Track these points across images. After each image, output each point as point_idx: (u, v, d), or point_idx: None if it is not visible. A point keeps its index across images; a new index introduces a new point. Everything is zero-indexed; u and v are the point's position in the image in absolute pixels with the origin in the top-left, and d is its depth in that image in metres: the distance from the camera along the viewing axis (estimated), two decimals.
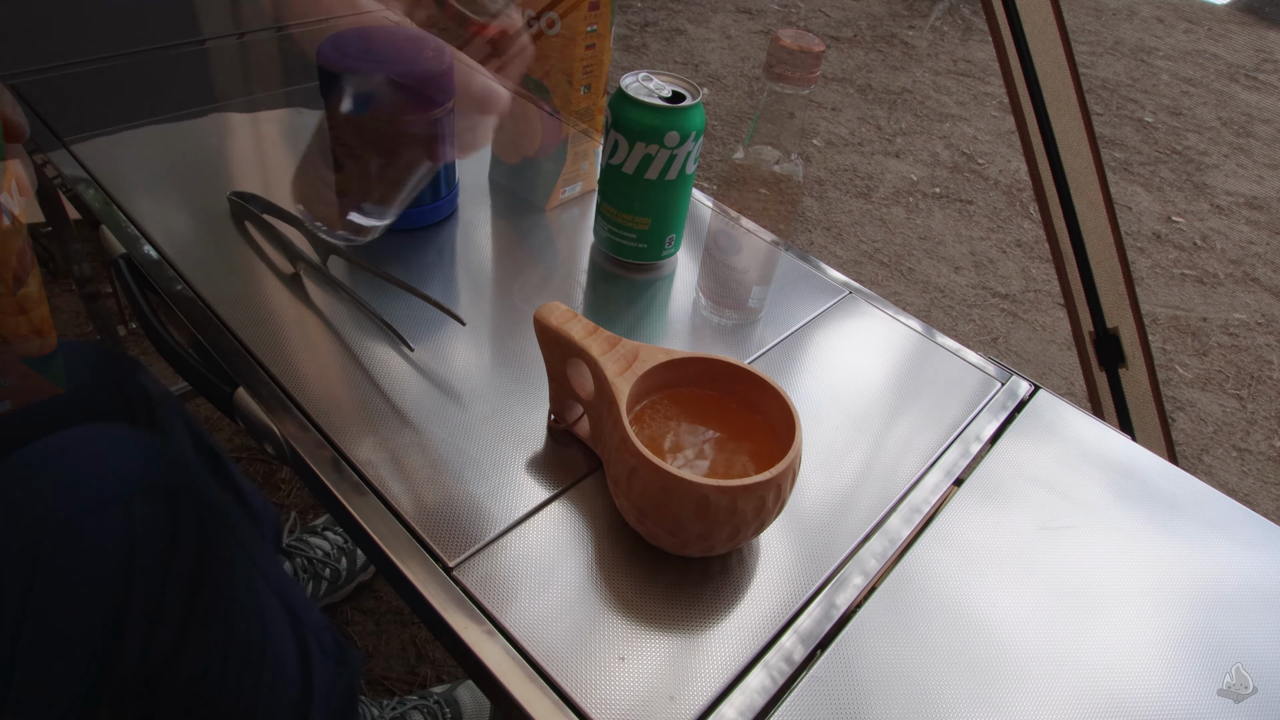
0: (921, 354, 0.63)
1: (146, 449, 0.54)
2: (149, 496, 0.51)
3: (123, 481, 0.51)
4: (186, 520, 0.53)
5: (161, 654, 0.53)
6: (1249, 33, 4.04)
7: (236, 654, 0.57)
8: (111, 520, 0.49)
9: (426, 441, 0.49)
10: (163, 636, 0.52)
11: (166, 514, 0.52)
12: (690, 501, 0.40)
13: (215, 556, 0.55)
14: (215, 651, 0.56)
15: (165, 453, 0.55)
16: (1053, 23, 0.95)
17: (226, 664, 0.56)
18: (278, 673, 0.61)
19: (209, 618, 0.55)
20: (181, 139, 0.73)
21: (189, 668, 0.54)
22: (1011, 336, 1.83)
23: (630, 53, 2.80)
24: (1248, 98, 3.28)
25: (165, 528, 0.52)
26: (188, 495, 0.53)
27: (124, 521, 0.50)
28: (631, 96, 0.58)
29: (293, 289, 0.59)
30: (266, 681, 0.60)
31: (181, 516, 0.53)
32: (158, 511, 0.51)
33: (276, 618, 0.62)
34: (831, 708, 0.40)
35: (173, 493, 0.52)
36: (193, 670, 0.55)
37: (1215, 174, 2.65)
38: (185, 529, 0.53)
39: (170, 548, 0.52)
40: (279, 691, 0.62)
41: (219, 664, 0.56)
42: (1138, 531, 0.51)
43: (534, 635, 0.40)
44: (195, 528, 0.53)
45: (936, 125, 2.68)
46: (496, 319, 0.60)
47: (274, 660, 0.61)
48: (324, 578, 1.02)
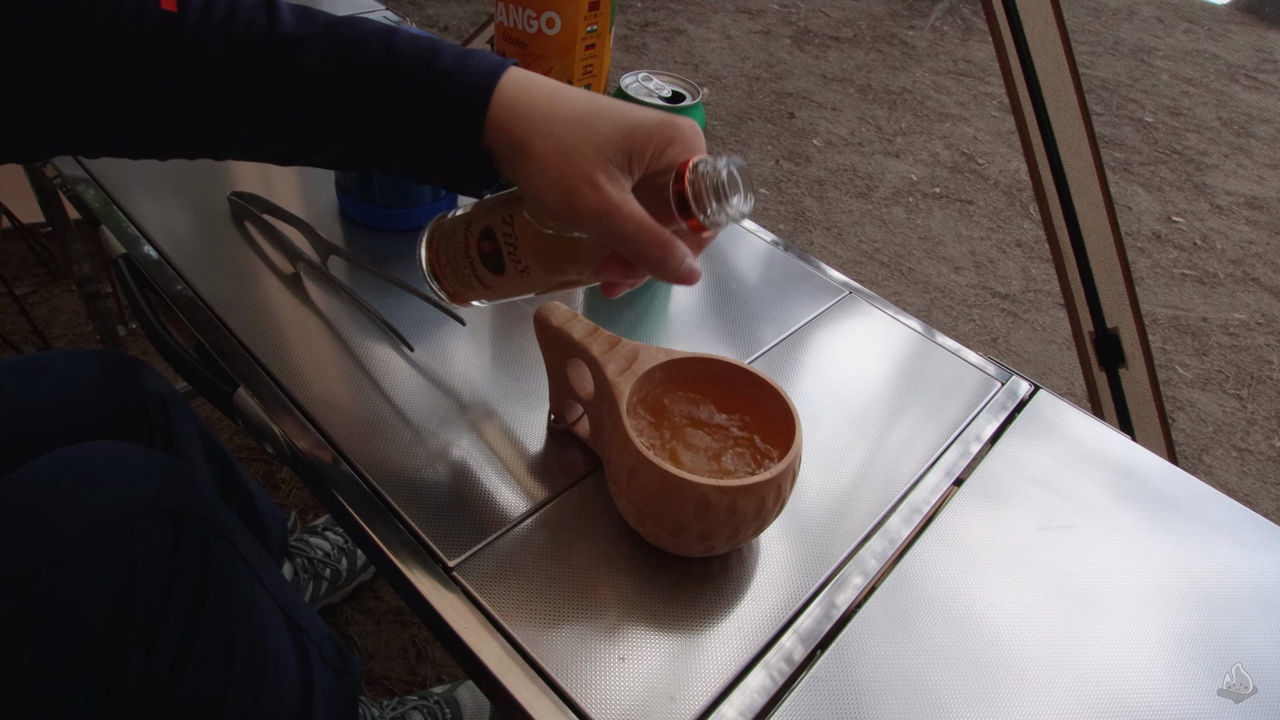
0: (921, 354, 0.63)
1: (152, 468, 0.53)
2: (152, 519, 0.51)
3: (126, 502, 0.50)
4: (189, 542, 0.53)
5: (161, 675, 0.52)
6: (1249, 33, 4.04)
7: (237, 673, 0.57)
8: (113, 541, 0.49)
9: (426, 441, 0.49)
10: (163, 658, 0.52)
11: (169, 536, 0.52)
12: (690, 501, 0.40)
13: (218, 578, 0.55)
14: (216, 672, 0.56)
15: (172, 472, 0.54)
16: (1053, 23, 0.95)
17: (227, 684, 0.56)
18: (278, 687, 0.61)
19: (211, 639, 0.55)
20: None
21: (189, 689, 0.54)
22: (1011, 336, 1.83)
23: (630, 53, 2.80)
24: (1248, 98, 3.28)
25: (168, 550, 0.51)
26: (192, 517, 0.53)
27: (126, 543, 0.49)
28: (631, 96, 0.58)
29: (293, 289, 0.59)
30: (267, 696, 0.60)
31: (184, 538, 0.52)
32: (161, 533, 0.51)
33: (279, 633, 0.61)
34: (831, 708, 0.40)
35: (177, 515, 0.52)
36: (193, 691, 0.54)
37: (1215, 174, 2.65)
38: (188, 551, 0.53)
39: (172, 570, 0.52)
40: (280, 705, 0.61)
41: (219, 684, 0.56)
42: (1138, 531, 0.51)
43: (534, 635, 0.40)
44: (198, 549, 0.53)
45: (936, 125, 2.68)
46: (496, 319, 0.60)
47: (275, 675, 0.61)
48: (324, 578, 1.02)
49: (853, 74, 2.94)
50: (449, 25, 2.76)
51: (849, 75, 2.92)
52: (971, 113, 2.80)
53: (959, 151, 2.54)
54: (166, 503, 0.52)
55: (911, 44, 3.29)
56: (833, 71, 2.93)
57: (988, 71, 3.11)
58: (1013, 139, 2.63)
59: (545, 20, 0.61)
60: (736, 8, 3.31)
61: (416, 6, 2.87)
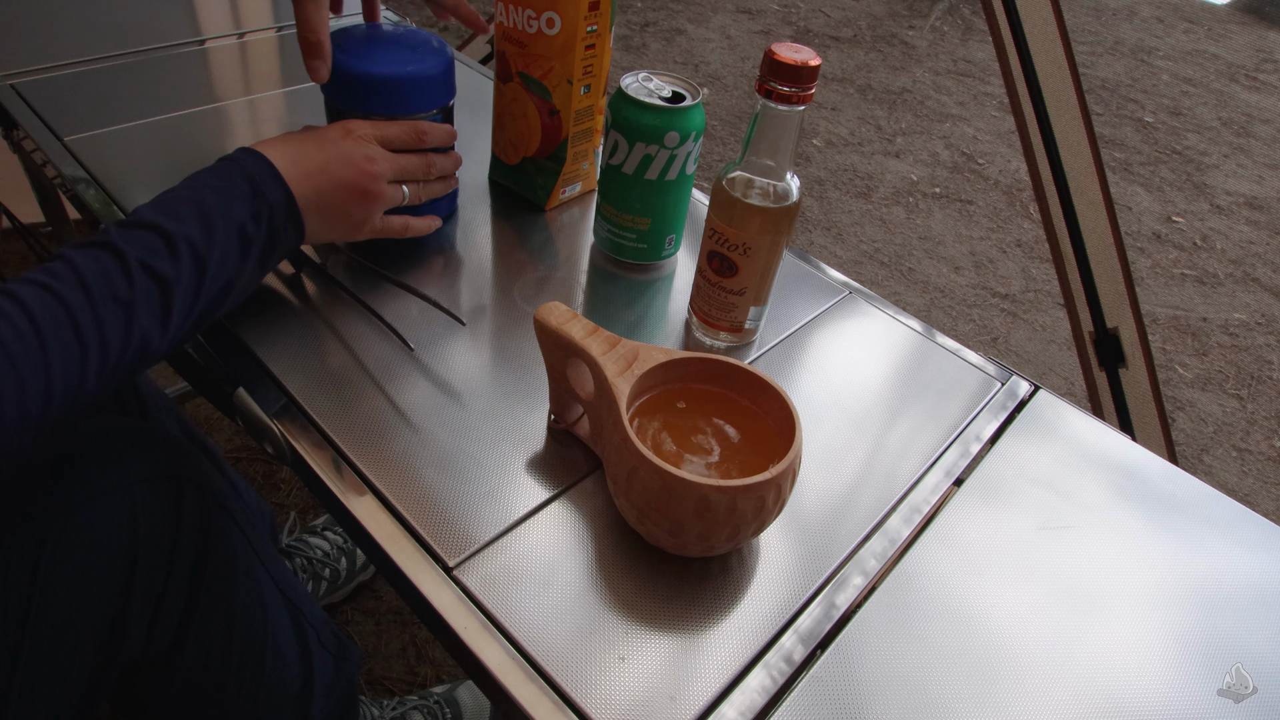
0: (921, 354, 0.63)
1: (149, 439, 0.54)
2: (153, 485, 0.51)
3: (126, 471, 0.51)
4: (189, 509, 0.53)
5: (163, 643, 0.53)
6: (1249, 33, 4.04)
7: (238, 643, 0.57)
8: (115, 509, 0.49)
9: (426, 441, 0.49)
10: (164, 625, 0.53)
11: (170, 503, 0.52)
12: (690, 501, 0.40)
13: (218, 545, 0.55)
14: (217, 640, 0.56)
15: (170, 443, 0.55)
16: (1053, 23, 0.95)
17: (228, 653, 0.57)
18: (278, 664, 0.61)
19: (211, 607, 0.55)
20: (181, 138, 0.73)
21: (190, 656, 0.54)
22: (1011, 336, 1.83)
23: (630, 53, 2.80)
24: (1248, 98, 3.28)
25: (169, 517, 0.52)
26: (191, 484, 0.53)
27: (127, 511, 0.50)
28: (631, 96, 0.57)
29: (293, 289, 0.59)
30: (268, 672, 0.60)
31: (184, 505, 0.53)
32: (162, 500, 0.52)
33: (278, 609, 0.62)
34: (831, 708, 0.40)
35: (176, 481, 0.53)
36: (194, 659, 0.55)
37: (1215, 174, 2.65)
38: (188, 518, 0.53)
39: (174, 537, 0.52)
40: (280, 683, 0.62)
41: (220, 653, 0.56)
42: (1138, 531, 0.51)
43: (534, 635, 0.40)
44: (198, 517, 0.54)
45: (936, 125, 2.68)
46: (496, 319, 0.60)
47: (275, 652, 0.61)
48: (324, 578, 1.02)
49: (853, 74, 2.94)
50: (449, 25, 2.76)
51: (849, 75, 2.92)
52: (971, 113, 2.80)
53: (959, 151, 2.54)
54: (166, 470, 0.52)
55: (911, 44, 3.28)
56: (833, 71, 2.93)
57: (988, 71, 3.11)
58: (1013, 139, 2.63)
59: (545, 20, 0.61)
60: (736, 8, 3.31)
61: (417, 6, 2.87)
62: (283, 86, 0.84)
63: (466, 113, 0.83)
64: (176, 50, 0.86)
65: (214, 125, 0.75)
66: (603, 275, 0.66)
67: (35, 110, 0.72)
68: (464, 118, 0.83)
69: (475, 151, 0.77)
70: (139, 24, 0.89)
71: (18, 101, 0.73)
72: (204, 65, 0.85)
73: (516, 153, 0.70)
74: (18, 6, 0.89)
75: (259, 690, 0.60)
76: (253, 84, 0.83)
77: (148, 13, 0.92)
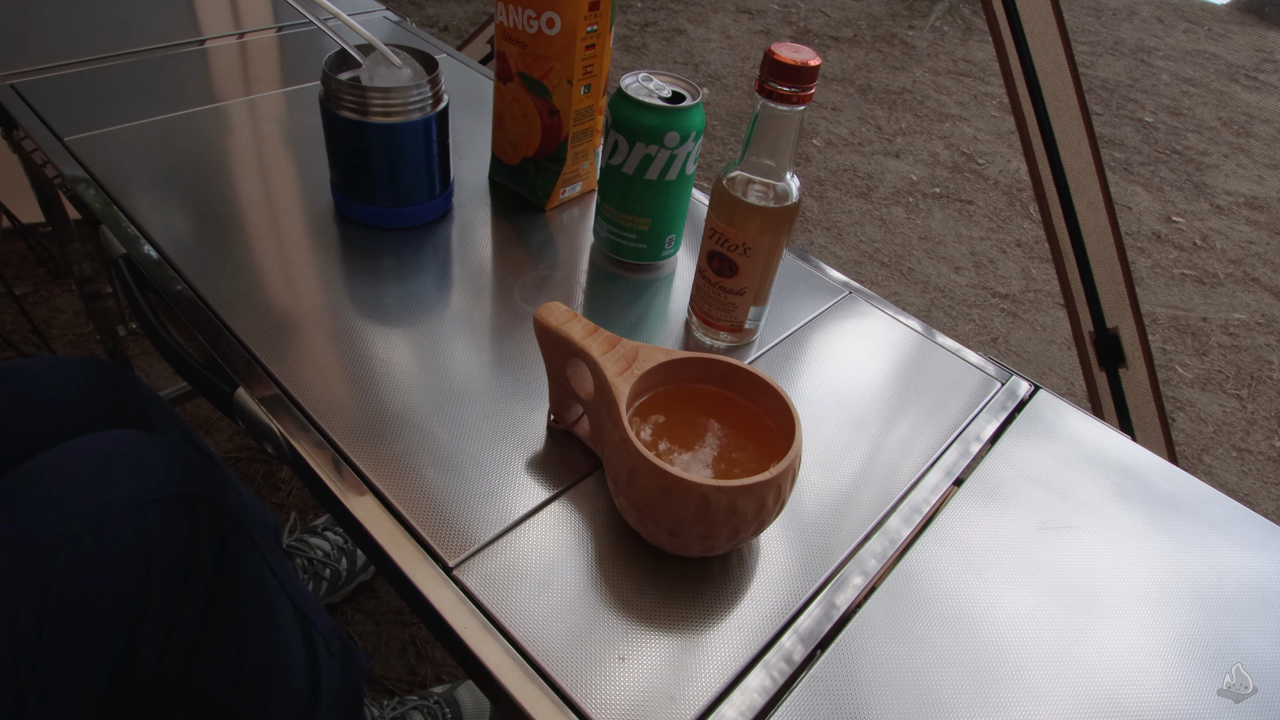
0: (921, 354, 0.63)
1: (163, 455, 0.53)
2: (167, 504, 0.51)
3: (140, 489, 0.50)
4: (204, 527, 0.52)
5: (175, 662, 0.52)
6: (1249, 33, 4.04)
7: (249, 661, 0.57)
8: (128, 528, 0.49)
9: (426, 441, 0.49)
10: (177, 645, 0.52)
11: (185, 521, 0.51)
12: (690, 501, 0.40)
13: (232, 563, 0.55)
14: (228, 659, 0.55)
15: (185, 458, 0.54)
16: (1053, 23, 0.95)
17: (239, 671, 0.56)
18: (287, 677, 0.61)
19: (224, 625, 0.54)
20: (181, 138, 0.73)
21: (202, 676, 0.54)
22: (1011, 336, 1.83)
23: (630, 53, 2.80)
24: (1248, 98, 3.28)
25: (184, 535, 0.51)
26: (206, 502, 0.53)
27: (141, 529, 0.49)
28: (631, 97, 0.57)
29: (293, 289, 0.59)
30: (276, 686, 0.60)
31: (199, 523, 0.52)
32: (176, 519, 0.51)
33: (289, 622, 0.61)
34: (831, 708, 0.40)
35: (191, 500, 0.52)
36: (205, 678, 0.54)
37: (1215, 174, 2.65)
38: (203, 536, 0.52)
39: (188, 556, 0.51)
40: (287, 695, 0.61)
41: (231, 671, 0.56)
42: (1138, 531, 0.51)
43: (534, 635, 0.40)
44: (213, 534, 0.53)
45: (936, 125, 2.68)
46: (497, 319, 0.60)
47: (284, 665, 0.61)
48: (324, 578, 1.02)
49: (853, 74, 2.94)
50: (449, 25, 2.76)
51: (849, 75, 2.92)
52: (971, 113, 2.80)
53: (959, 151, 2.54)
54: (181, 488, 0.52)
55: (911, 44, 3.28)
56: (833, 71, 2.93)
57: (988, 71, 3.11)
58: (1013, 139, 2.63)
59: (545, 20, 0.61)
60: (736, 8, 3.31)
61: (416, 6, 2.87)
62: (283, 86, 0.84)
63: (466, 113, 0.83)
64: (176, 50, 0.86)
65: (214, 125, 0.75)
66: (603, 275, 0.66)
67: (35, 110, 0.72)
68: (464, 118, 0.83)
69: (475, 151, 0.77)
70: (139, 24, 0.89)
71: (18, 101, 0.73)
72: (204, 65, 0.85)
73: (516, 153, 0.70)
74: (18, 6, 0.89)
75: (268, 704, 0.59)
76: (253, 84, 0.83)
77: (148, 13, 0.92)
